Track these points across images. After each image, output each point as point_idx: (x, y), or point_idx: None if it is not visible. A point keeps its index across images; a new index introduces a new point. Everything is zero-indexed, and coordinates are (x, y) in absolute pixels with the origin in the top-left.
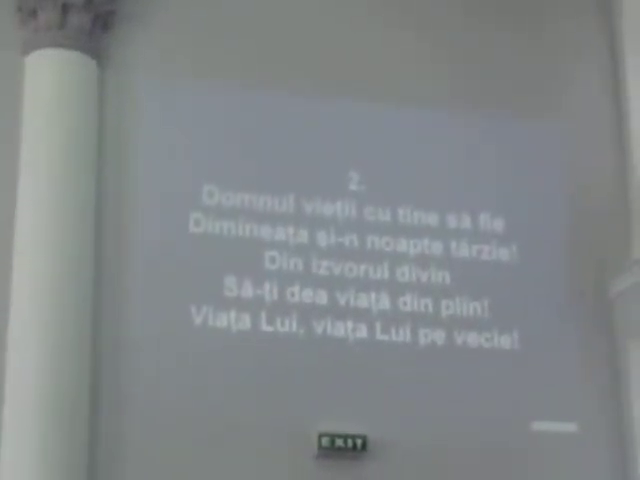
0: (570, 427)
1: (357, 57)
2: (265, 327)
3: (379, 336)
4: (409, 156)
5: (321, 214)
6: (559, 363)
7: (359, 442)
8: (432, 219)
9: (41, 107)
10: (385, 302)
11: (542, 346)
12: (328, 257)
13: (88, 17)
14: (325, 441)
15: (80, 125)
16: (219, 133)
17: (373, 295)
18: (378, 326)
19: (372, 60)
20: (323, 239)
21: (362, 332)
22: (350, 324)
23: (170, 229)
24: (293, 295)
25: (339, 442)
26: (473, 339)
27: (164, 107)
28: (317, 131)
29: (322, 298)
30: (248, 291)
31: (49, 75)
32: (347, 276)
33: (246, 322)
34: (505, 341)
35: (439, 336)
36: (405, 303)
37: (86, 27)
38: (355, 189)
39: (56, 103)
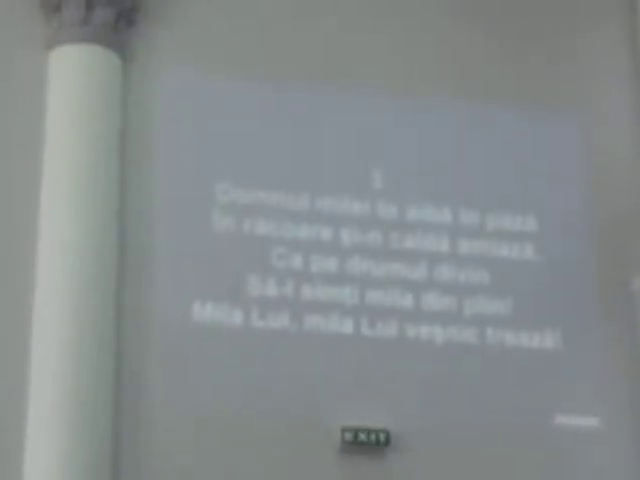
0: (593, 421)
1: (375, 54)
2: (288, 324)
3: (405, 333)
4: (432, 155)
5: (341, 212)
6: (582, 358)
7: (382, 436)
8: (449, 217)
9: (65, 103)
10: (409, 300)
11: (565, 341)
12: (353, 255)
13: (112, 13)
14: (348, 436)
15: (104, 120)
16: (244, 129)
17: (400, 294)
18: (404, 323)
19: (390, 58)
20: (346, 237)
21: (391, 329)
22: (374, 321)
23: (189, 226)
24: (321, 293)
25: (362, 436)
26: (496, 336)
27: (188, 102)
28: (337, 128)
29: (350, 297)
30: (272, 289)
31: (73, 71)
32: (374, 274)
33: (268, 319)
34: (528, 337)
35: (463, 333)
36: (429, 301)
37: (110, 23)
38: (378, 187)
39: (80, 99)
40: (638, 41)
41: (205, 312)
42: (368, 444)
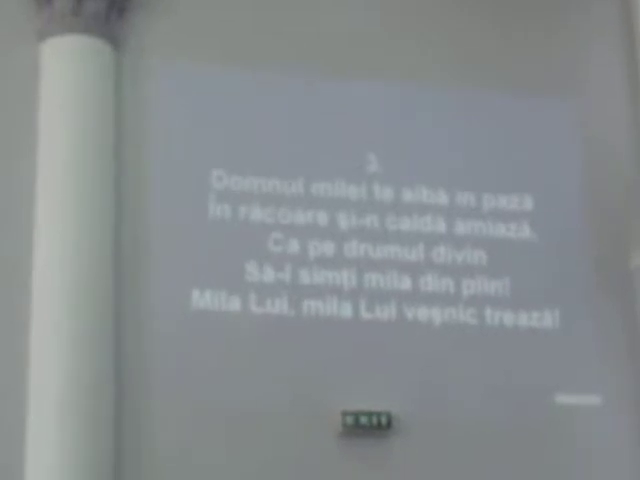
0: (593, 400)
1: (370, 39)
2: (286, 309)
3: (404, 315)
4: (428, 137)
5: (337, 196)
6: (582, 336)
7: (383, 419)
8: (445, 198)
9: (57, 94)
10: (407, 282)
11: (564, 320)
12: (350, 239)
13: (103, 3)
14: (349, 419)
15: (97, 111)
16: (237, 117)
17: (398, 276)
18: (402, 305)
19: (386, 42)
20: (343, 221)
21: (389, 311)
22: (372, 304)
23: (185, 213)
24: (319, 277)
25: (363, 420)
26: (495, 316)
27: (181, 90)
28: (331, 112)
29: (347, 280)
30: (270, 275)
31: (65, 61)
32: (371, 257)
33: (266, 305)
34: (527, 317)
35: (461, 314)
36: (427, 283)
37: (102, 13)
38: (374, 171)
39: (72, 89)
40: (633, 24)
41: (204, 299)
42: (369, 427)
